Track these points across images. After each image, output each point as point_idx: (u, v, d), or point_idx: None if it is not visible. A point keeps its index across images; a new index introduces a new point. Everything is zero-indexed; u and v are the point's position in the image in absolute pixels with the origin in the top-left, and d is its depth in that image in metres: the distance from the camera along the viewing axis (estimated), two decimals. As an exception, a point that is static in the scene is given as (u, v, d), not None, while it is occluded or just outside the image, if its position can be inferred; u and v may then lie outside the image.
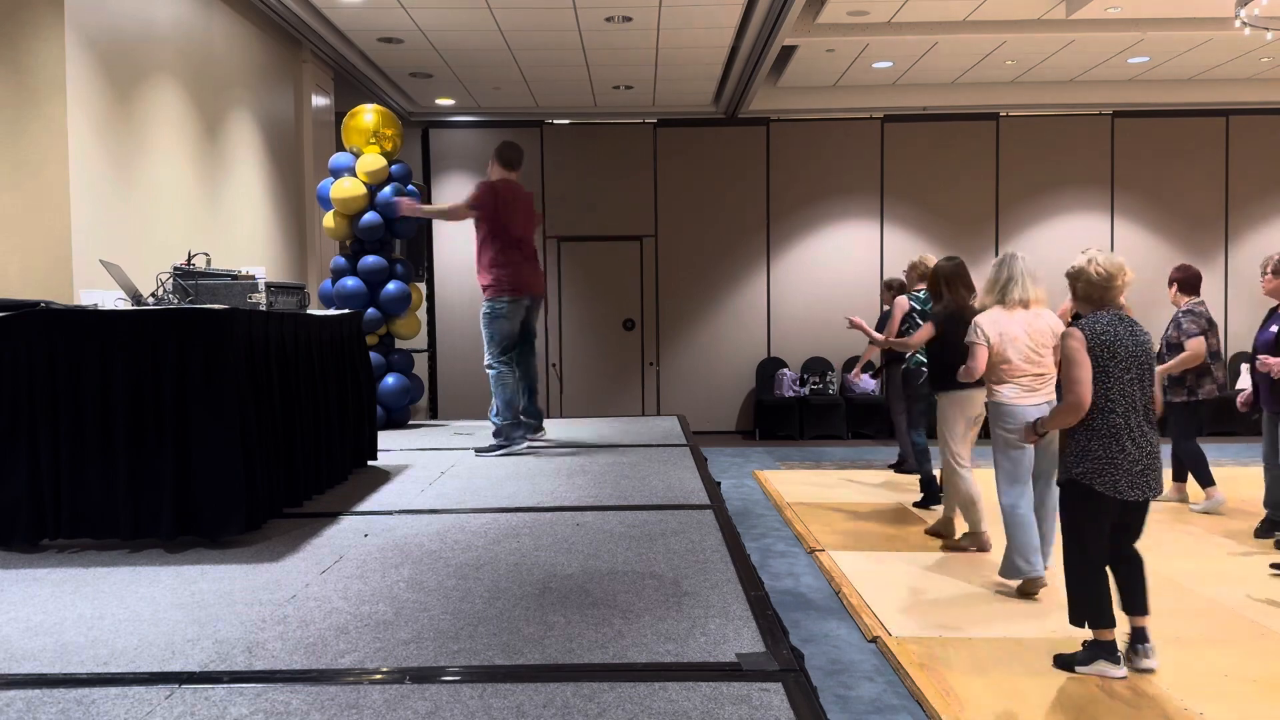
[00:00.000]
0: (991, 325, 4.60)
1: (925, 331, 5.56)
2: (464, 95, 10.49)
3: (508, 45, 8.60)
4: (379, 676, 2.32)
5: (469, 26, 8.07)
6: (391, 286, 7.03)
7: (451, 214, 5.86)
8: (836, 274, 11.56)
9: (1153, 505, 3.77)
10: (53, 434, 3.51)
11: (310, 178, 8.43)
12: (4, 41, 4.96)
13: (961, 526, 5.61)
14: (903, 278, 7.49)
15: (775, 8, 7.57)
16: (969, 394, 5.24)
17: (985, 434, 4.99)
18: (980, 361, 4.55)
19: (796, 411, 11.18)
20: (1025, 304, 4.64)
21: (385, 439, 6.18)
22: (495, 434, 5.73)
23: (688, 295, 11.55)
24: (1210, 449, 6.74)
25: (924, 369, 6.35)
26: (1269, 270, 5.68)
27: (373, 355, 6.60)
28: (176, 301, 4.18)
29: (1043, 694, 3.55)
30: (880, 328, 7.10)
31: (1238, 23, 7.14)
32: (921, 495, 6.77)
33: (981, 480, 5.33)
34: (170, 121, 6.16)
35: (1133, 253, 11.51)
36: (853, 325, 6.42)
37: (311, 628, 2.66)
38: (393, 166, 7.05)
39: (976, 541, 5.47)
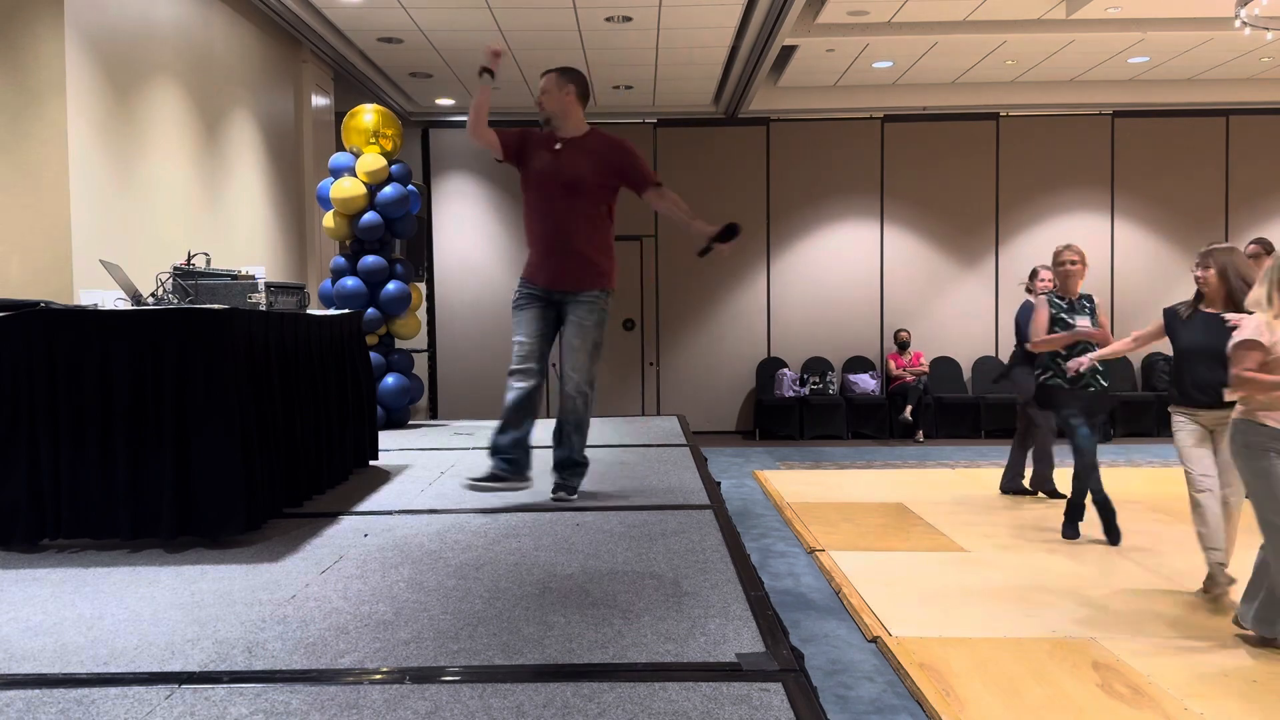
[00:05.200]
0: None
1: None
2: (464, 95, 10.49)
3: (508, 45, 8.60)
4: (379, 676, 2.31)
5: (469, 26, 8.07)
6: (391, 286, 7.03)
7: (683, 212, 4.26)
8: (836, 274, 11.57)
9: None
10: (53, 434, 3.51)
11: (310, 178, 8.43)
12: (4, 41, 4.96)
13: None
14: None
15: (775, 8, 7.57)
16: None
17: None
18: None
19: (796, 411, 11.19)
20: None
21: (385, 439, 6.18)
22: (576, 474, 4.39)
23: (688, 295, 11.56)
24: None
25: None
26: None
27: (373, 355, 6.60)
28: (176, 301, 4.18)
29: (1043, 694, 3.55)
30: None
31: (1238, 23, 7.14)
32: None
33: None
34: (170, 121, 6.16)
35: (1133, 253, 11.54)
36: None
37: (311, 628, 2.66)
38: (393, 166, 7.05)
39: None
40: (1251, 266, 4.63)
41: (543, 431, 4.39)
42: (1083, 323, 5.57)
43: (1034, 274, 7.05)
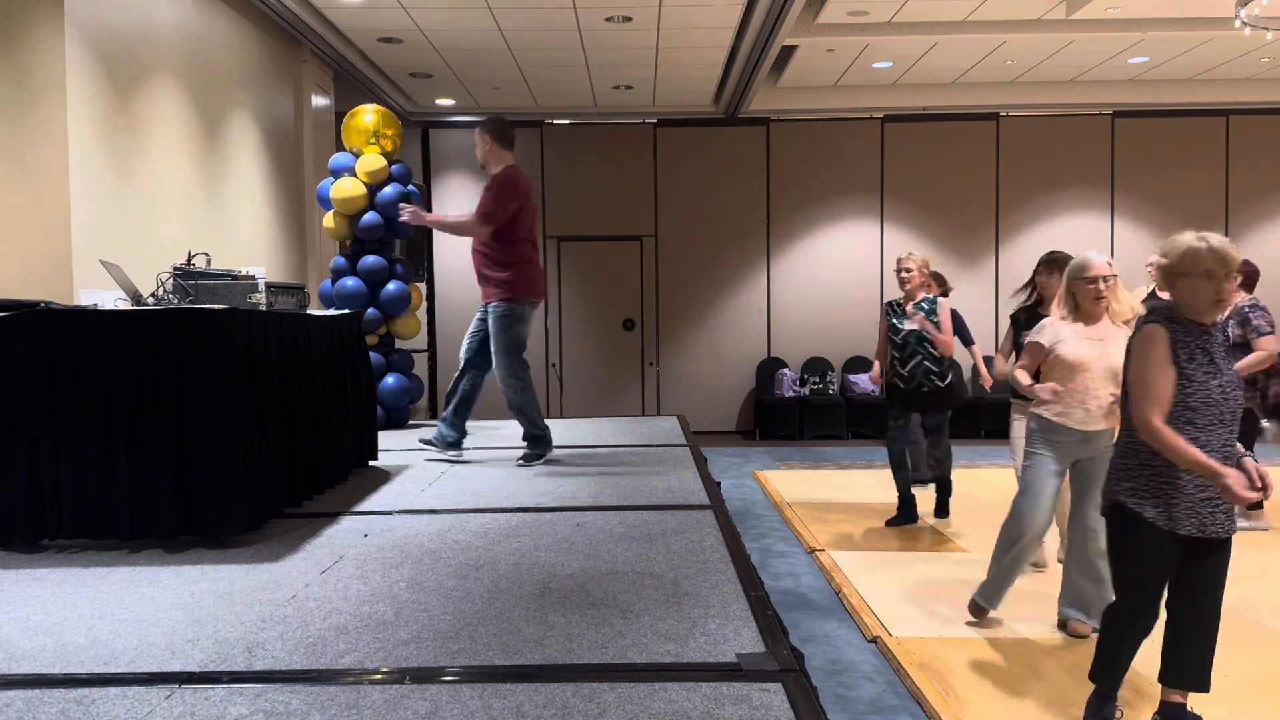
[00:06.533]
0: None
1: None
2: (464, 95, 10.49)
3: (508, 45, 8.60)
4: (379, 676, 2.32)
5: (469, 26, 8.07)
6: (391, 286, 7.03)
7: (461, 229, 5.30)
8: (836, 274, 11.56)
9: None
10: (53, 434, 3.51)
11: (310, 178, 8.42)
12: (4, 41, 4.96)
13: None
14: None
15: (775, 8, 7.56)
16: None
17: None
18: None
19: (796, 411, 11.18)
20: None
21: (385, 439, 6.18)
22: (534, 446, 5.36)
23: (688, 295, 11.55)
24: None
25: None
26: None
27: (373, 355, 6.60)
28: (176, 301, 4.18)
29: (1043, 694, 3.55)
30: None
31: (1238, 23, 7.13)
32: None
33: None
34: (170, 121, 6.16)
35: (1132, 253, 11.52)
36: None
37: (311, 628, 2.66)
38: (393, 166, 7.06)
39: None
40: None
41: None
42: (906, 325, 6.13)
43: None
